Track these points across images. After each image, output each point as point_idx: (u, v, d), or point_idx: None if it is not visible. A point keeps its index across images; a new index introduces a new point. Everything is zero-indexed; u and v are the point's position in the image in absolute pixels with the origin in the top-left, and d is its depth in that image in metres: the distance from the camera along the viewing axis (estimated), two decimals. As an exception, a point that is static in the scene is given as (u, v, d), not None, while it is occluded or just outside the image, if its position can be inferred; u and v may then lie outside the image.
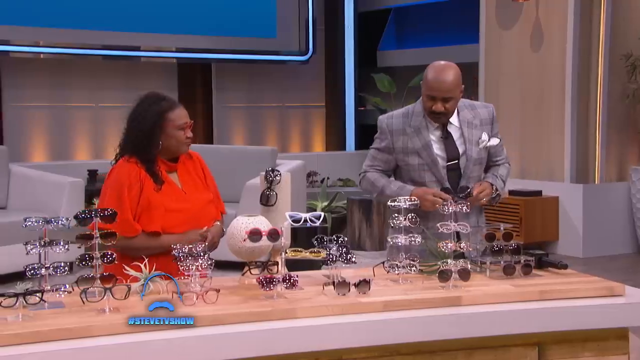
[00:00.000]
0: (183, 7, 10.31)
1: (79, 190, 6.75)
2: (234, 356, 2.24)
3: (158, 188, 3.08)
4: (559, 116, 8.31)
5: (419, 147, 3.38)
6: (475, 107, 3.53)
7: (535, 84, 8.53)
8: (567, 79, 8.20)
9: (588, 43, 8.17)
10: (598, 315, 2.59)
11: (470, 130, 3.43)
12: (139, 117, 3.13)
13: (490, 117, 3.51)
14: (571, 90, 8.17)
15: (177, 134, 3.12)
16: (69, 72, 10.21)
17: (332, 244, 2.63)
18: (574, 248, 8.02)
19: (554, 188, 8.30)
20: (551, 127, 8.40)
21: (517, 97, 8.77)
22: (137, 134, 3.12)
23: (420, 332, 2.43)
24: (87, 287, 2.37)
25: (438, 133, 3.41)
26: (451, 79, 3.29)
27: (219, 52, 10.74)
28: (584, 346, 2.60)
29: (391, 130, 3.49)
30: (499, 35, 8.90)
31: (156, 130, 3.09)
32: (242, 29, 10.73)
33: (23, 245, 2.36)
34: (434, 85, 3.30)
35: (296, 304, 2.42)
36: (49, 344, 2.12)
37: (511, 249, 2.83)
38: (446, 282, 2.64)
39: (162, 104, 3.16)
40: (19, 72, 9.93)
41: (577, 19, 8.11)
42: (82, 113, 10.38)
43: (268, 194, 2.97)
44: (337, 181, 10.34)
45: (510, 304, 2.56)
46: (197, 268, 2.45)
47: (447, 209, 2.82)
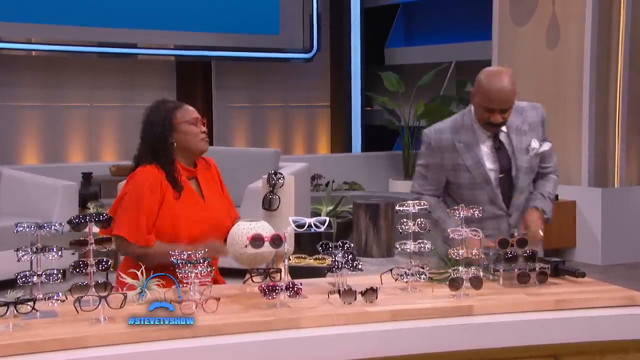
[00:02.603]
0: (182, 2, 10.34)
1: (72, 194, 6.76)
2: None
3: (177, 196, 3.12)
4: (576, 116, 8.30)
5: (471, 164, 3.29)
6: (523, 111, 3.38)
7: (551, 82, 8.52)
8: (584, 77, 8.19)
9: (607, 39, 8.16)
10: (617, 325, 2.59)
11: (519, 138, 3.31)
12: (149, 123, 3.21)
13: (540, 119, 3.39)
14: (589, 89, 8.16)
15: (190, 129, 3.18)
16: (63, 70, 10.23)
17: (338, 250, 2.63)
18: (592, 255, 8.01)
19: (571, 192, 8.28)
20: (568, 127, 8.39)
21: (531, 96, 8.72)
22: (151, 139, 3.18)
23: (430, 342, 2.43)
24: (81, 296, 2.36)
25: (490, 144, 3.32)
26: (510, 87, 3.20)
27: (219, 50, 10.78)
28: (603, 358, 2.60)
29: (439, 146, 3.35)
30: (513, 31, 8.90)
31: (167, 129, 3.16)
32: (243, 25, 10.75)
33: (14, 252, 2.36)
34: (494, 96, 3.20)
35: (300, 313, 2.43)
36: (42, 354, 2.12)
37: (526, 255, 2.83)
38: (457, 291, 2.64)
39: (168, 104, 3.25)
40: (10, 70, 9.93)
41: (595, 13, 8.09)
42: (76, 113, 10.39)
43: (271, 198, 2.98)
44: (342, 184, 10.34)
45: (525, 314, 2.56)
46: (197, 275, 2.45)
47: (459, 214, 2.82)
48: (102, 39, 9.96)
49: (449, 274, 2.71)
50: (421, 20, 12.72)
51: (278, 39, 11.12)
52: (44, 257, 2.36)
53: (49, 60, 10.12)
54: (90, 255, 2.41)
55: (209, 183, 3.28)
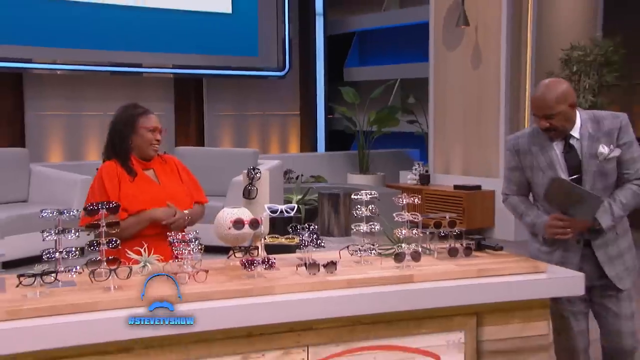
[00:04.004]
0: (179, 30, 10.29)
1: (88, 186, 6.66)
2: (221, 326, 2.23)
3: (131, 179, 3.08)
4: (494, 123, 8.38)
5: (544, 165, 2.99)
6: (601, 120, 2.95)
7: (475, 94, 8.59)
8: (501, 92, 8.27)
9: (518, 63, 8.27)
10: (525, 288, 2.60)
11: (591, 144, 2.91)
12: (116, 120, 3.17)
13: (617, 126, 2.92)
14: (504, 101, 8.25)
15: (146, 135, 3.12)
16: (81, 85, 10.16)
17: (305, 231, 2.62)
18: (507, 233, 8.09)
19: (490, 183, 8.36)
20: (488, 132, 8.46)
21: (460, 107, 8.82)
22: (114, 134, 3.15)
23: (378, 305, 2.43)
24: (95, 269, 2.34)
25: (561, 147, 2.98)
26: (547, 97, 2.88)
27: (209, 69, 10.72)
28: (514, 314, 2.62)
29: (517, 149, 3.10)
30: (445, 55, 8.95)
31: (128, 129, 3.11)
32: (229, 49, 10.73)
33: (40, 233, 2.33)
34: (533, 103, 2.96)
35: (274, 282, 2.41)
36: (63, 316, 2.10)
37: (455, 234, 2.83)
38: (400, 263, 2.63)
39: (137, 110, 3.18)
40: (39, 86, 9.89)
41: (508, 42, 8.19)
42: (92, 120, 10.30)
43: (250, 189, 2.96)
44: (309, 178, 10.32)
45: (454, 281, 2.56)
46: (189, 252, 2.43)
47: (402, 200, 2.82)
48: (113, 60, 9.92)
49: (394, 250, 2.71)
50: (372, 45, 12.75)
51: (257, 60, 11.08)
52: (64, 238, 2.34)
53: (71, 78, 10.03)
54: (102, 236, 2.38)
55: (165, 173, 3.21)
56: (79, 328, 2.08)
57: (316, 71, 12.30)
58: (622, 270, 2.99)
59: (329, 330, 2.37)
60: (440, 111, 9.10)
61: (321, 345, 2.37)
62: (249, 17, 10.91)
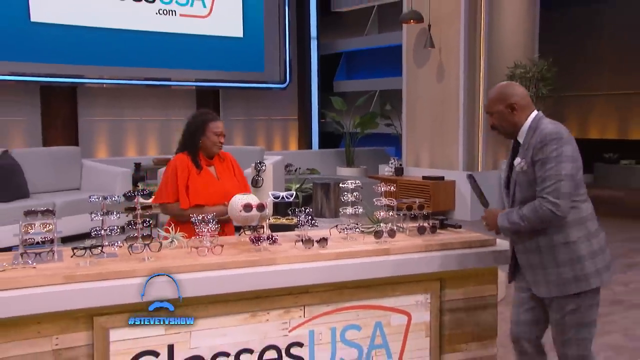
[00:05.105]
0: (200, 51, 10.27)
1: (127, 177, 6.67)
2: (234, 290, 2.23)
3: (198, 172, 3.03)
4: (454, 125, 8.38)
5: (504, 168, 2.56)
6: (537, 132, 2.37)
7: (439, 103, 8.58)
8: (460, 101, 8.27)
9: (473, 77, 8.27)
10: (478, 258, 2.61)
11: (523, 152, 2.39)
12: (190, 123, 3.12)
13: (538, 142, 2.32)
14: (462, 108, 8.25)
15: (212, 137, 3.08)
16: (122, 96, 10.12)
17: (302, 213, 2.62)
18: (464, 214, 8.11)
19: (452, 174, 8.37)
20: (450, 133, 8.46)
21: (428, 113, 8.81)
22: (188, 135, 3.09)
23: (361, 272, 2.42)
24: (132, 243, 2.34)
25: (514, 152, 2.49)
26: (489, 95, 2.47)
27: (224, 82, 10.68)
28: (469, 279, 2.62)
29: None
30: (416, 71, 8.93)
31: (199, 132, 3.07)
32: (240, 65, 10.70)
33: (89, 215, 2.33)
34: None
35: (276, 254, 2.40)
36: (108, 281, 2.10)
37: (423, 215, 2.82)
38: (379, 239, 2.63)
39: (208, 115, 3.14)
40: (89, 97, 9.87)
41: (465, 61, 8.19)
42: (130, 124, 10.28)
43: (257, 179, 2.95)
44: (306, 170, 10.31)
45: (421, 253, 2.56)
46: (208, 230, 2.42)
47: (380, 188, 2.80)
48: (147, 75, 9.87)
49: (374, 228, 2.70)
50: (357, 63, 12.72)
51: (263, 75, 11.05)
52: (108, 218, 2.33)
53: (114, 90, 9.99)
54: (138, 217, 2.37)
55: (223, 170, 3.17)
56: (121, 290, 2.08)
57: (311, 84, 12.27)
58: (542, 279, 2.42)
59: (322, 293, 2.37)
60: (411, 116, 9.10)
61: (315, 305, 2.37)
62: (257, 40, 10.86)
